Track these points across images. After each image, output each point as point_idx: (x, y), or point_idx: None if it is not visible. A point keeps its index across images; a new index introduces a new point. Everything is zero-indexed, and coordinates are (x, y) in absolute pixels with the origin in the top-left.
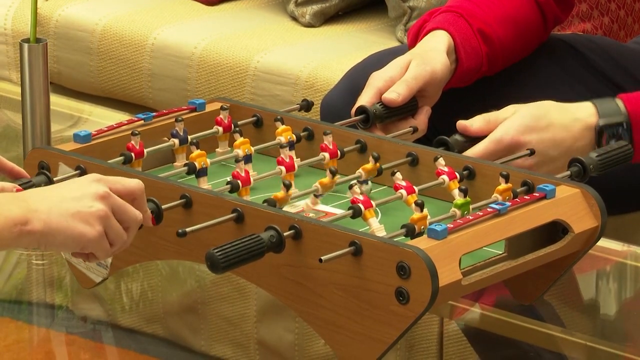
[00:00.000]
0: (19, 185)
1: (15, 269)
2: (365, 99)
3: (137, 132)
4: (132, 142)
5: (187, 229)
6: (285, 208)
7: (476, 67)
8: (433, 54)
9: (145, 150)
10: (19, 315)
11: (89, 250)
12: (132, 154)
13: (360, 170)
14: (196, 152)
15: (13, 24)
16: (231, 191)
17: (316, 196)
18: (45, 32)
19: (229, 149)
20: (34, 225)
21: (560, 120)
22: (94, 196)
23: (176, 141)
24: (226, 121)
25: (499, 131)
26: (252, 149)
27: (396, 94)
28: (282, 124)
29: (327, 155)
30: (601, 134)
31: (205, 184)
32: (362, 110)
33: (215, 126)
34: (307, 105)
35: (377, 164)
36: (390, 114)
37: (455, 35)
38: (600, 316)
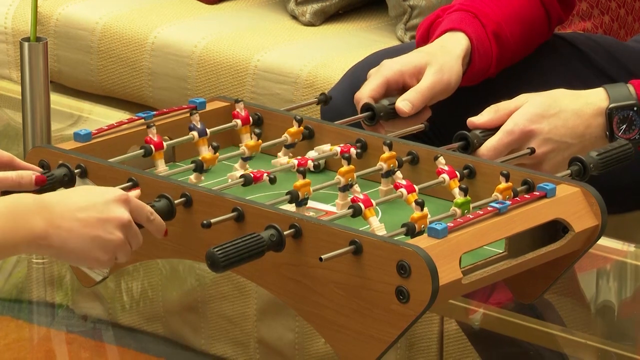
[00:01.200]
0: (41, 173)
1: (15, 267)
2: (371, 86)
3: (152, 124)
4: (149, 135)
5: (212, 220)
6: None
7: (485, 68)
8: (450, 61)
9: (164, 143)
10: (20, 314)
11: (95, 268)
12: (152, 146)
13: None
14: (210, 154)
15: (13, 23)
16: (244, 185)
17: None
18: (46, 30)
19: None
20: (52, 240)
21: (571, 106)
22: (117, 223)
23: (195, 134)
24: (243, 113)
25: (510, 123)
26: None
27: (410, 106)
28: (300, 124)
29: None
30: (611, 117)
31: (199, 179)
32: (367, 107)
33: (234, 119)
34: (325, 100)
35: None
36: (396, 114)
37: (472, 38)
38: (601, 315)
